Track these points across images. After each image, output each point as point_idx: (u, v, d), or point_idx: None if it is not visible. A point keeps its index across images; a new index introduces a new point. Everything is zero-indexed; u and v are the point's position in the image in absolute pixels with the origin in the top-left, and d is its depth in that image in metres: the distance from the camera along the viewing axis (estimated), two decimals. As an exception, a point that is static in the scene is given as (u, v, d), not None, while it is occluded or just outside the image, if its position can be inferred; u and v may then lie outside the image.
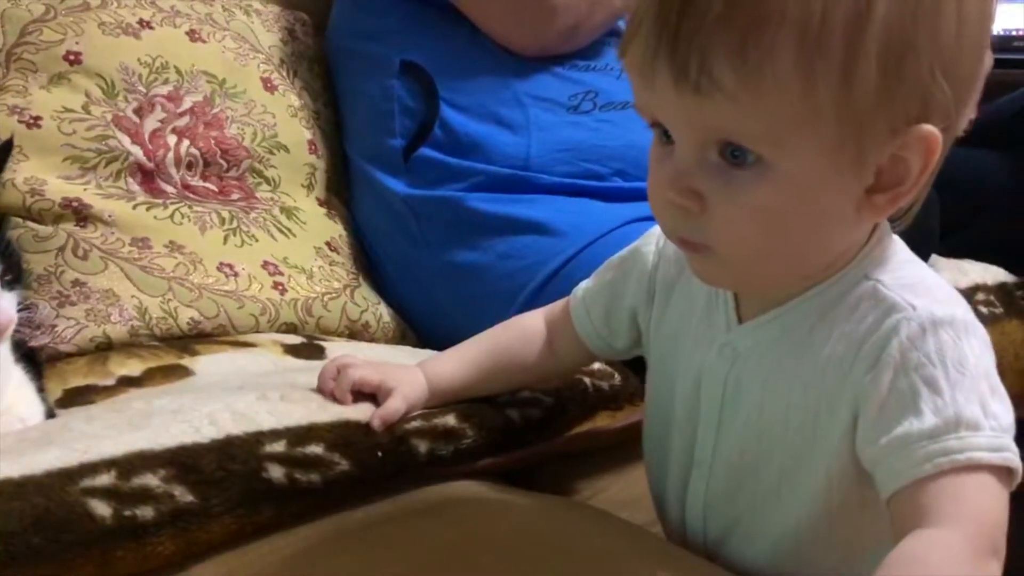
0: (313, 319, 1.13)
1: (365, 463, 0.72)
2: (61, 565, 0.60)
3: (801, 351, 0.62)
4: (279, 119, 1.24)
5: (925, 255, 1.21)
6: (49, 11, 1.13)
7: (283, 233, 1.18)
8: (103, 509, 0.62)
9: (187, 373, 0.96)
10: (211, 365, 0.98)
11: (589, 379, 0.89)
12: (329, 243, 1.22)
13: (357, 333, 1.16)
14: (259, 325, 1.09)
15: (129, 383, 0.94)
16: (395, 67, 1.22)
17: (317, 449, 0.71)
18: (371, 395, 0.77)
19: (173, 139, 1.15)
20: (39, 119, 1.08)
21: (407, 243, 1.21)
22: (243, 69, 1.23)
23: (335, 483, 0.71)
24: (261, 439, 0.70)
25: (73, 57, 1.12)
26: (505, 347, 0.81)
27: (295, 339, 1.08)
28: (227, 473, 0.67)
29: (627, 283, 0.75)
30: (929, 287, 0.60)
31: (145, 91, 1.15)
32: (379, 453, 0.73)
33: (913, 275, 0.61)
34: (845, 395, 0.59)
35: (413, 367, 0.80)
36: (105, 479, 0.64)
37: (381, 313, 1.20)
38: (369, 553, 0.67)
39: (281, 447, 0.70)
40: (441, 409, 0.78)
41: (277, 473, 0.69)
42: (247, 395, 0.76)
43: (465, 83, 1.20)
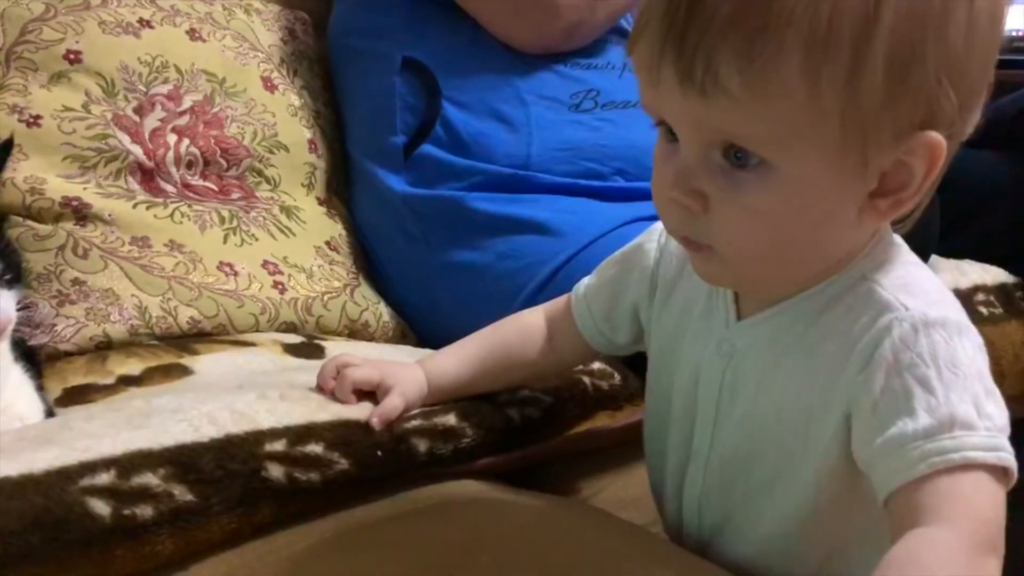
0: (313, 318, 1.13)
1: (365, 462, 0.72)
2: (60, 564, 0.60)
3: (797, 349, 0.62)
4: (279, 118, 1.24)
5: (925, 255, 1.21)
6: (49, 10, 1.13)
7: (283, 232, 1.18)
8: (102, 508, 0.62)
9: (187, 372, 0.96)
10: (211, 364, 0.98)
11: (589, 379, 0.89)
12: (329, 242, 1.22)
13: (357, 332, 1.17)
14: (259, 324, 1.09)
15: (129, 382, 0.94)
16: (397, 64, 1.22)
17: (317, 448, 0.71)
18: (371, 393, 0.77)
19: (173, 138, 1.15)
20: (39, 118, 1.08)
21: (407, 243, 1.21)
22: (243, 68, 1.23)
23: (334, 482, 0.71)
24: (261, 438, 0.70)
25: (73, 56, 1.12)
26: (505, 343, 0.81)
27: (295, 338, 1.08)
28: (226, 472, 0.67)
29: (629, 279, 0.75)
30: (924, 288, 0.60)
31: (145, 90, 1.15)
32: (379, 452, 0.73)
33: (910, 276, 0.61)
34: (838, 394, 0.59)
35: (412, 364, 0.80)
36: (104, 478, 0.64)
37: (381, 312, 1.20)
38: (369, 552, 0.67)
39: (281, 446, 0.70)
40: (441, 408, 0.78)
41: (277, 472, 0.69)
42: (246, 394, 0.76)
43: (467, 80, 1.20)
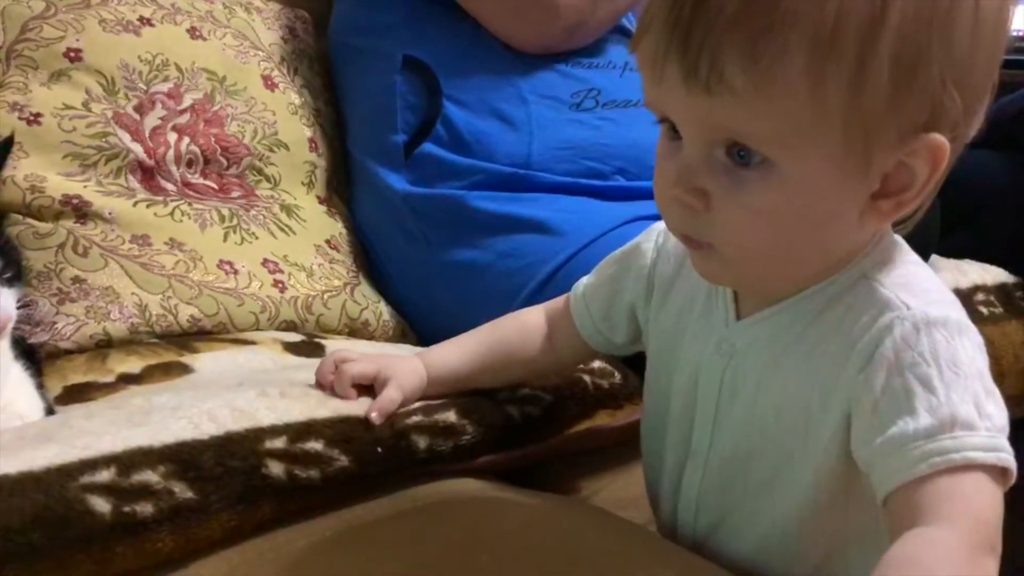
0: (313, 317, 1.13)
1: (365, 459, 0.72)
2: (60, 561, 0.60)
3: (796, 348, 0.62)
4: (279, 117, 1.24)
5: (925, 255, 1.21)
6: (50, 8, 1.13)
7: (283, 231, 1.18)
8: (102, 505, 0.62)
9: (187, 370, 0.96)
10: (211, 363, 0.98)
11: (589, 377, 0.89)
12: (329, 241, 1.22)
13: (357, 331, 1.17)
14: (259, 323, 1.09)
15: (129, 380, 0.94)
16: (397, 63, 1.22)
17: (317, 445, 0.71)
18: (371, 388, 0.77)
19: (173, 136, 1.15)
20: (39, 116, 1.08)
21: (407, 242, 1.21)
22: (243, 67, 1.23)
23: (334, 479, 0.71)
24: (261, 436, 0.70)
25: (73, 54, 1.12)
26: (505, 339, 0.81)
27: (295, 337, 1.08)
28: (226, 470, 0.67)
29: (626, 279, 0.75)
30: (925, 287, 0.60)
31: (145, 88, 1.15)
32: (379, 449, 0.73)
33: (911, 275, 0.61)
34: (838, 393, 0.59)
35: (411, 356, 0.80)
36: (105, 475, 0.64)
37: (381, 311, 1.20)
38: (369, 551, 0.67)
39: (281, 443, 0.70)
40: (441, 404, 0.78)
41: (277, 469, 0.69)
42: (246, 392, 0.76)
43: (468, 79, 1.20)
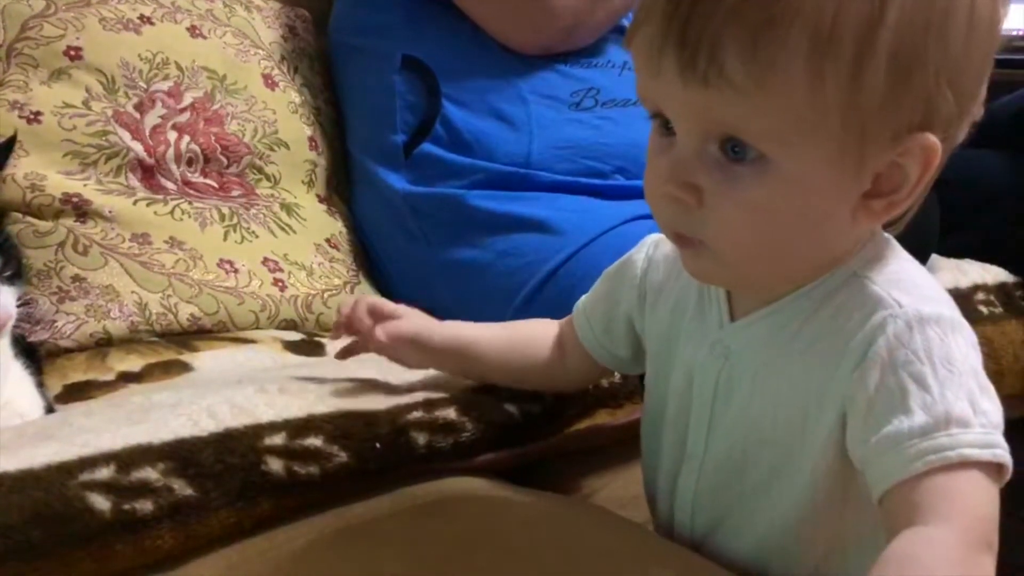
0: (313, 316, 1.13)
1: (364, 455, 0.72)
2: (60, 559, 0.60)
3: (790, 349, 0.62)
4: (279, 116, 1.24)
5: (925, 255, 1.21)
6: (50, 6, 1.13)
7: (283, 230, 1.18)
8: (102, 503, 0.62)
9: (187, 369, 0.96)
10: (211, 361, 0.98)
11: (589, 376, 0.89)
12: (329, 240, 1.22)
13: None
14: (259, 322, 1.09)
15: (129, 379, 0.94)
16: (397, 62, 1.22)
17: (316, 441, 0.71)
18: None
19: (173, 135, 1.15)
20: (39, 115, 1.08)
21: (407, 240, 1.21)
22: (244, 65, 1.23)
23: (334, 475, 0.71)
24: (260, 432, 0.70)
25: (74, 53, 1.12)
26: (523, 337, 0.81)
27: (295, 336, 1.09)
28: (226, 466, 0.67)
29: (621, 291, 0.75)
30: (917, 284, 0.60)
31: (145, 87, 1.15)
32: (377, 445, 0.73)
33: (902, 272, 0.61)
34: (832, 392, 0.59)
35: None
36: (104, 473, 0.64)
37: (381, 310, 1.20)
38: (368, 549, 0.67)
39: (280, 440, 0.70)
40: (441, 401, 0.78)
41: (276, 466, 0.69)
42: (245, 388, 0.76)
43: (467, 79, 1.20)
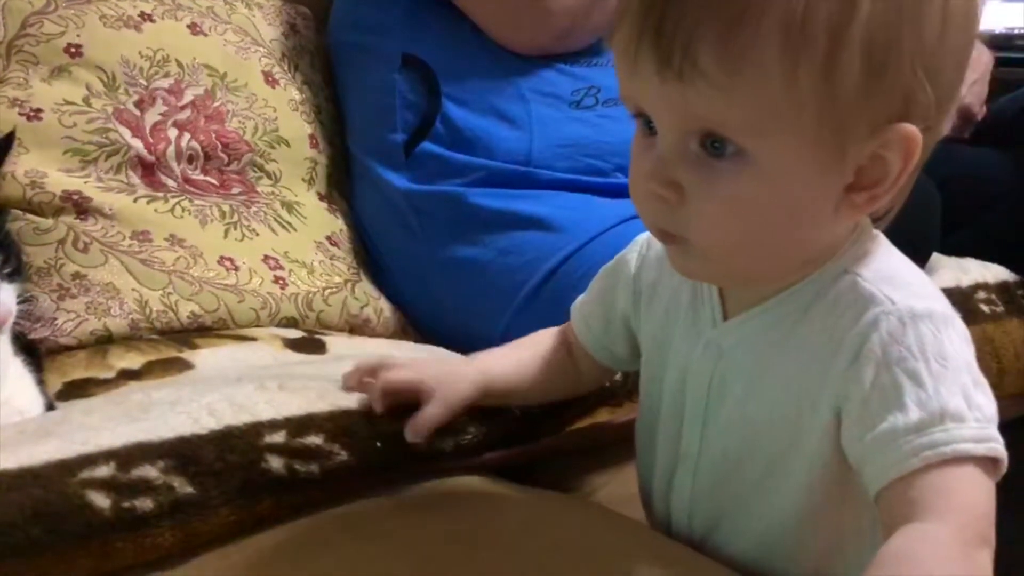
0: (313, 314, 1.13)
1: (364, 454, 0.72)
2: (60, 557, 0.60)
3: (783, 348, 0.62)
4: (280, 113, 1.24)
5: (925, 255, 1.21)
6: (50, 3, 1.12)
7: (284, 227, 1.18)
8: (102, 500, 0.62)
9: (187, 366, 0.96)
10: (211, 359, 0.98)
11: (590, 374, 0.89)
12: (330, 238, 1.22)
13: (357, 328, 1.17)
14: (259, 319, 1.09)
15: (129, 376, 0.94)
16: (397, 61, 1.21)
17: (317, 439, 0.71)
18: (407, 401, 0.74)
19: (174, 132, 1.14)
20: (40, 112, 1.08)
21: (408, 238, 1.21)
22: (244, 63, 1.23)
23: (334, 474, 0.71)
24: (260, 430, 0.70)
25: (74, 50, 1.12)
26: (550, 358, 0.79)
27: (295, 333, 1.08)
28: (226, 464, 0.67)
29: (616, 290, 0.75)
30: (908, 280, 0.60)
31: (146, 84, 1.15)
32: (378, 444, 0.73)
33: (892, 268, 0.61)
34: (826, 390, 0.59)
35: (464, 364, 0.78)
36: (104, 470, 0.64)
37: (381, 308, 1.20)
38: (369, 547, 0.67)
39: (280, 438, 0.70)
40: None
41: (277, 464, 0.69)
42: (245, 386, 0.76)
43: (467, 78, 1.20)
